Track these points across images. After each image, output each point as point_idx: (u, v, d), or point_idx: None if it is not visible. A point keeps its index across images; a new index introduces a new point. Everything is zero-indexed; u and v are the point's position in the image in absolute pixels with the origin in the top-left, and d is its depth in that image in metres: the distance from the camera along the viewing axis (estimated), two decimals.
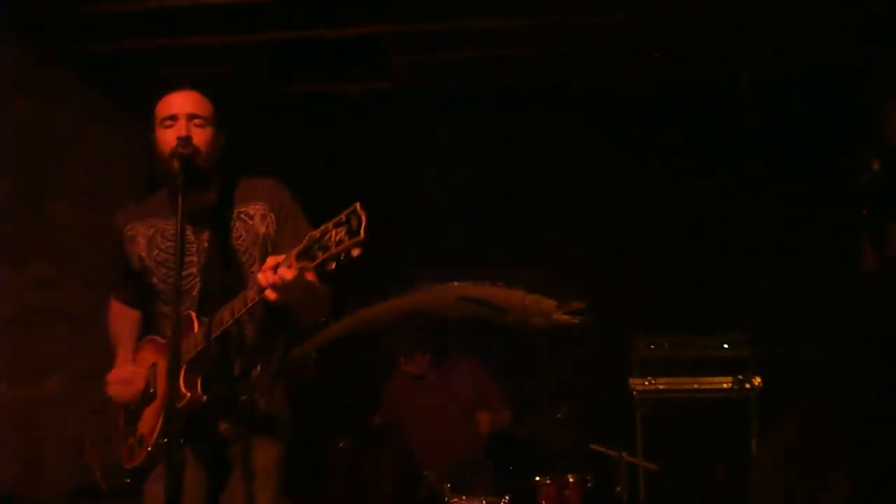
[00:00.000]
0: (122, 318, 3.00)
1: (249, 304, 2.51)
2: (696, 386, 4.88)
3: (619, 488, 4.58)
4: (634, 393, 4.88)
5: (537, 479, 4.47)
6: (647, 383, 4.89)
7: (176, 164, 2.56)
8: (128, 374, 2.82)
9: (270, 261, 2.44)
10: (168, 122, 2.69)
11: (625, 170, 5.45)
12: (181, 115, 2.68)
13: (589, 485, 4.48)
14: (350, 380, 5.22)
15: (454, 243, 5.37)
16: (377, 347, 5.15)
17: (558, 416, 4.60)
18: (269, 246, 2.74)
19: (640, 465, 4.68)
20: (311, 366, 4.37)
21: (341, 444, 4.52)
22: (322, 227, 2.35)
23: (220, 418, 2.69)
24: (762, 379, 4.80)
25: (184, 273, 2.70)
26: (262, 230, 2.76)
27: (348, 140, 5.70)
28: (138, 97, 5.19)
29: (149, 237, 2.81)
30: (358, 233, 2.27)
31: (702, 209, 5.42)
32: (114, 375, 2.85)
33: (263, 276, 2.42)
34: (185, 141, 2.61)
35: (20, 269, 4.54)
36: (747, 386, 4.80)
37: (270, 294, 2.42)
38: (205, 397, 2.55)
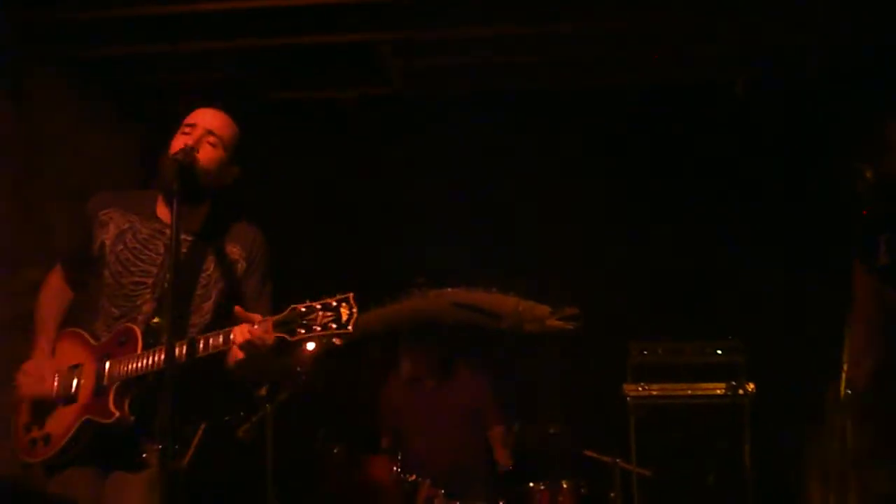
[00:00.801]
0: (56, 300, 2.88)
1: (212, 351, 2.49)
2: (689, 392, 4.88)
3: (613, 494, 4.59)
4: (628, 399, 4.88)
5: (531, 485, 4.49)
6: (640, 389, 4.90)
7: (169, 168, 2.56)
8: (45, 370, 2.70)
9: (245, 316, 2.45)
10: (186, 129, 2.71)
11: (620, 176, 5.46)
12: (200, 126, 2.70)
13: (583, 491, 4.50)
14: (345, 386, 5.23)
15: (449, 249, 5.38)
16: (372, 353, 5.16)
17: (551, 431, 4.61)
18: (230, 291, 2.71)
19: (634, 471, 4.69)
20: (305, 372, 4.37)
21: (335, 451, 4.52)
22: (308, 304, 2.35)
23: (138, 439, 2.59)
24: (755, 385, 4.81)
25: (137, 280, 2.69)
26: (229, 272, 2.74)
27: (345, 146, 5.70)
28: (136, 102, 5.26)
29: (121, 230, 2.75)
30: (346, 325, 2.29)
31: (696, 215, 5.43)
32: (30, 367, 2.73)
33: (240, 333, 2.42)
34: (188, 150, 2.61)
35: (15, 275, 4.53)
36: (741, 392, 4.80)
37: (237, 352, 2.43)
38: (132, 418, 2.52)
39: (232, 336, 2.46)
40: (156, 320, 2.64)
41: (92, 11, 4.39)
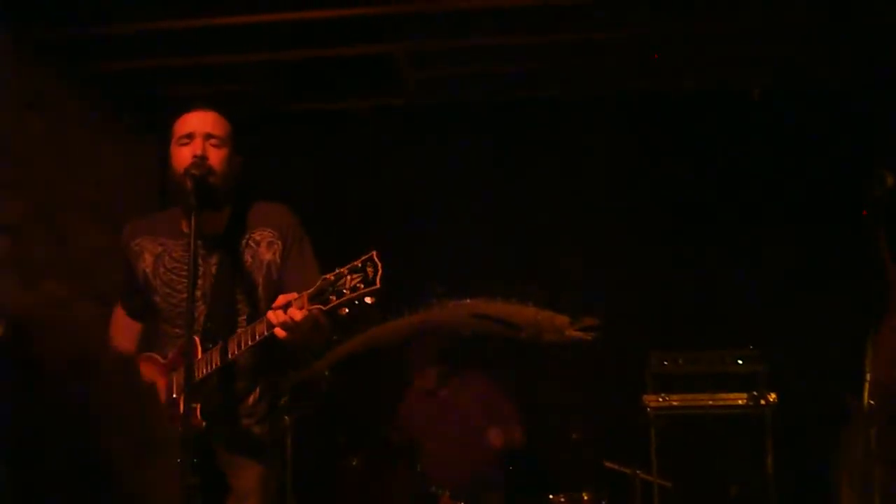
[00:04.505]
0: (124, 329, 2.98)
1: (258, 339, 2.51)
2: (710, 402, 4.84)
3: None
4: (648, 409, 4.84)
5: (551, 496, 4.46)
6: (661, 399, 4.86)
7: (189, 184, 2.57)
8: None
9: (281, 299, 2.47)
10: (184, 140, 2.70)
11: (638, 185, 5.44)
12: (198, 133, 2.69)
13: (603, 502, 4.46)
14: (363, 397, 5.21)
15: (466, 259, 5.37)
16: (390, 364, 5.14)
17: (573, 436, 4.58)
18: (274, 273, 2.74)
19: (654, 482, 4.65)
20: (324, 383, 4.36)
21: (354, 462, 4.51)
22: (336, 272, 2.37)
23: (214, 443, 2.66)
24: (777, 395, 4.76)
25: (186, 296, 2.69)
26: (268, 257, 2.76)
27: (360, 157, 5.71)
28: (152, 115, 5.29)
29: (156, 255, 2.80)
30: (374, 282, 2.30)
31: (716, 224, 5.40)
32: None
33: (274, 315, 2.43)
34: (200, 161, 2.62)
35: (33, 288, 4.55)
36: (762, 402, 4.74)
37: (280, 332, 2.44)
38: (204, 423, 2.54)
39: (270, 322, 2.49)
40: (208, 325, 2.69)
41: (109, 26, 4.42)
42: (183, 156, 2.67)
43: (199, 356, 2.62)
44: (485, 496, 4.58)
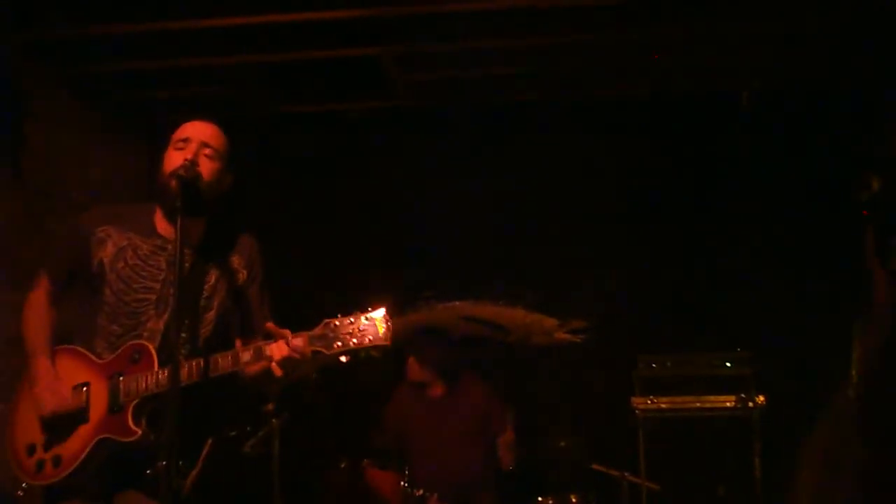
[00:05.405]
0: (43, 319, 2.76)
1: (241, 366, 2.51)
2: (698, 405, 4.87)
3: None
4: (637, 412, 4.86)
5: (540, 499, 4.46)
6: (649, 402, 4.88)
7: (174, 185, 2.56)
8: (60, 387, 2.62)
9: (283, 332, 2.48)
10: (180, 145, 2.70)
11: (626, 188, 5.46)
12: (194, 140, 2.70)
13: None
14: (351, 400, 5.22)
15: (456, 263, 5.37)
16: (379, 367, 5.14)
17: (561, 444, 4.59)
18: (232, 301, 2.75)
19: (642, 484, 4.66)
20: (312, 386, 4.36)
21: (342, 465, 4.51)
22: (340, 318, 2.41)
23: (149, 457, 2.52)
24: (765, 397, 4.78)
25: (140, 296, 2.68)
26: (230, 282, 2.77)
27: (349, 160, 5.72)
28: (142, 118, 5.28)
29: (119, 247, 2.71)
30: (385, 339, 2.34)
31: (704, 227, 5.42)
32: (47, 384, 2.62)
33: (278, 349, 2.44)
34: (189, 165, 2.62)
35: (22, 290, 4.54)
36: (750, 404, 4.77)
37: (277, 370, 2.45)
38: (152, 436, 2.48)
39: (269, 352, 2.48)
40: (169, 336, 2.61)
41: (98, 28, 4.41)
42: (175, 158, 2.67)
43: (156, 367, 2.55)
44: (474, 498, 4.58)
